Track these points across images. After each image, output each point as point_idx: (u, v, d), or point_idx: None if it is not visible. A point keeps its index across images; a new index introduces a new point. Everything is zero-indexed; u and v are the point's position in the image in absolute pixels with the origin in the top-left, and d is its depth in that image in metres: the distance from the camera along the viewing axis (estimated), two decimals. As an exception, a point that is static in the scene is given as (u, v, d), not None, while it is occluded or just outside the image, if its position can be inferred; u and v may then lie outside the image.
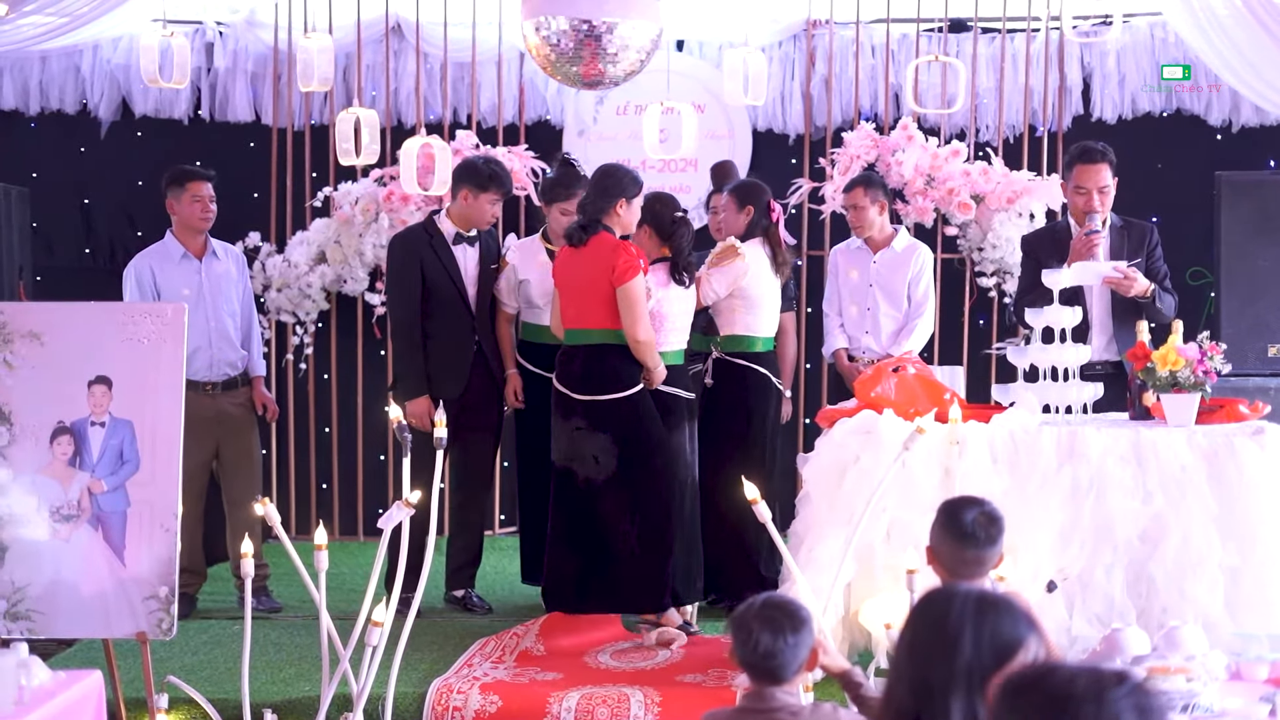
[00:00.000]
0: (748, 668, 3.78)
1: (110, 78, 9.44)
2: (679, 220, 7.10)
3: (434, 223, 7.53)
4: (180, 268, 7.66)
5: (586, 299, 6.82)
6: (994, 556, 4.48)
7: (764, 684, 3.77)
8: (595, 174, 6.97)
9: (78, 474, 5.92)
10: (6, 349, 5.97)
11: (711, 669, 6.38)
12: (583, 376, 6.86)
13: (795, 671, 3.78)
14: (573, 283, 6.87)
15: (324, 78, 6.83)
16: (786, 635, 3.71)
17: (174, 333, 5.97)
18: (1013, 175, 8.82)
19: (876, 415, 6.16)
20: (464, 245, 7.50)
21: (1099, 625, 5.82)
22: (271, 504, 5.57)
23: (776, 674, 3.73)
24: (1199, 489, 5.93)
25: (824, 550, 6.00)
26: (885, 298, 7.71)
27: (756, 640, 3.70)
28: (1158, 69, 9.16)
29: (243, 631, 5.58)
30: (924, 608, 3.11)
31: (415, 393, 7.41)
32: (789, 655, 3.72)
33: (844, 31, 9.27)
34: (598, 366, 6.84)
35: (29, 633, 5.80)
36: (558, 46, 6.45)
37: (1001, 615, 2.99)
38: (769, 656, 3.71)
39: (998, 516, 4.47)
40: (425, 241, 7.47)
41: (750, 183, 7.64)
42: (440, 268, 7.44)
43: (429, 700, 6.03)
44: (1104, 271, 6.75)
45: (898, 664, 3.13)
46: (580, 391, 6.85)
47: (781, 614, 3.76)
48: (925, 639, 3.03)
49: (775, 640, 3.70)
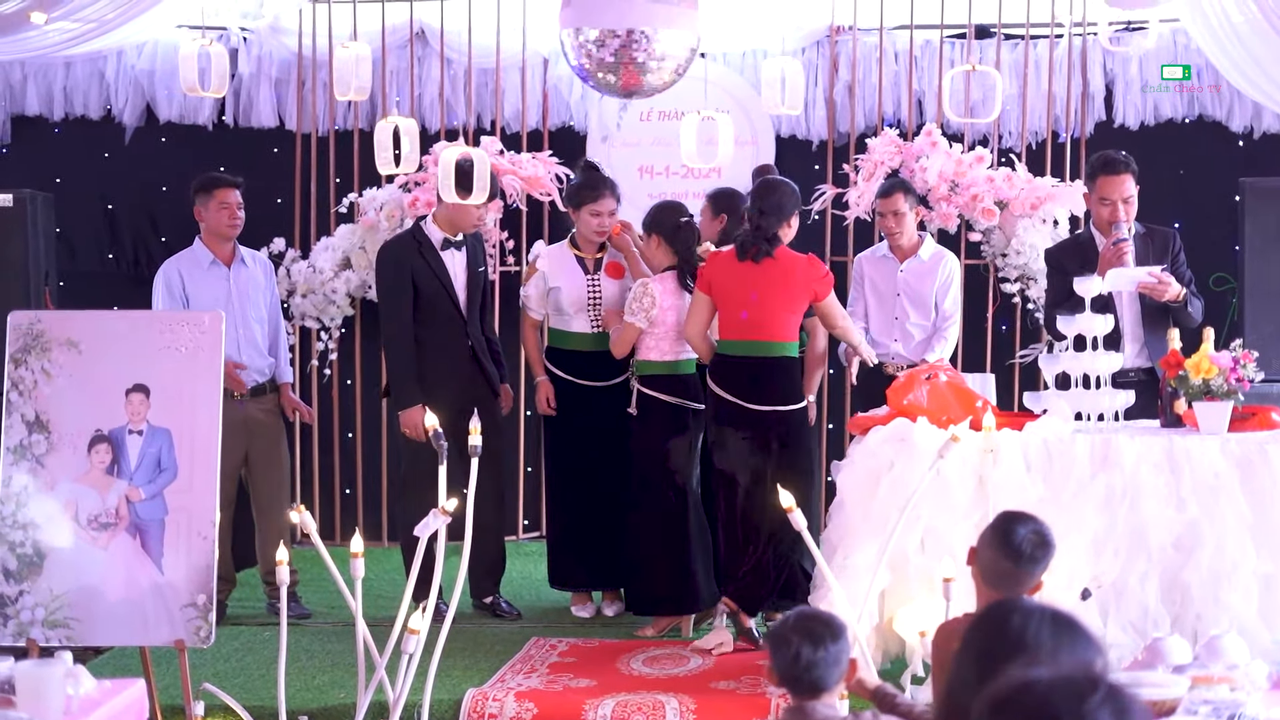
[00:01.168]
0: (788, 681, 3.78)
1: (135, 83, 9.46)
2: (684, 225, 7.19)
3: (421, 229, 7.54)
4: (209, 274, 7.69)
5: (771, 311, 6.86)
6: (1035, 578, 4.39)
7: (804, 697, 3.78)
8: (763, 188, 7.04)
9: (116, 482, 5.96)
10: (44, 357, 6.00)
11: (744, 676, 6.41)
12: (762, 387, 6.87)
13: (835, 683, 3.79)
14: (748, 294, 6.87)
15: (361, 87, 6.84)
16: (827, 645, 3.73)
17: (212, 341, 6.01)
18: (1036, 181, 8.83)
19: (910, 423, 6.17)
20: (451, 250, 7.48)
21: (1134, 633, 5.84)
22: (306, 511, 5.58)
23: (817, 685, 3.74)
24: (1233, 496, 5.95)
25: (859, 558, 6.02)
26: (913, 306, 7.70)
27: (797, 652, 3.71)
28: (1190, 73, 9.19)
29: (278, 638, 5.59)
30: (997, 617, 3.11)
31: (409, 402, 7.41)
32: (829, 666, 3.74)
33: (867, 38, 9.28)
34: (783, 378, 6.92)
35: (67, 640, 5.83)
36: (596, 55, 6.47)
37: (1077, 634, 3.00)
38: (810, 668, 3.72)
39: (1049, 540, 4.39)
40: (414, 249, 7.47)
41: (729, 191, 7.71)
42: (430, 274, 7.43)
43: (464, 707, 6.05)
44: (1139, 277, 6.76)
45: (962, 671, 3.12)
46: (757, 402, 6.85)
47: (820, 625, 3.78)
48: (997, 648, 3.03)
49: (815, 651, 3.71)
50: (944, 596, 5.31)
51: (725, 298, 6.91)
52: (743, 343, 6.88)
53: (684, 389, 7.19)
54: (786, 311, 6.89)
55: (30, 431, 5.98)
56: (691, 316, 7.02)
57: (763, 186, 7.05)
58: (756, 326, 6.86)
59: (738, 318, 6.88)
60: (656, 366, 7.21)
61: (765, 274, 6.84)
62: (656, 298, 7.09)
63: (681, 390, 7.19)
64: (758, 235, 6.86)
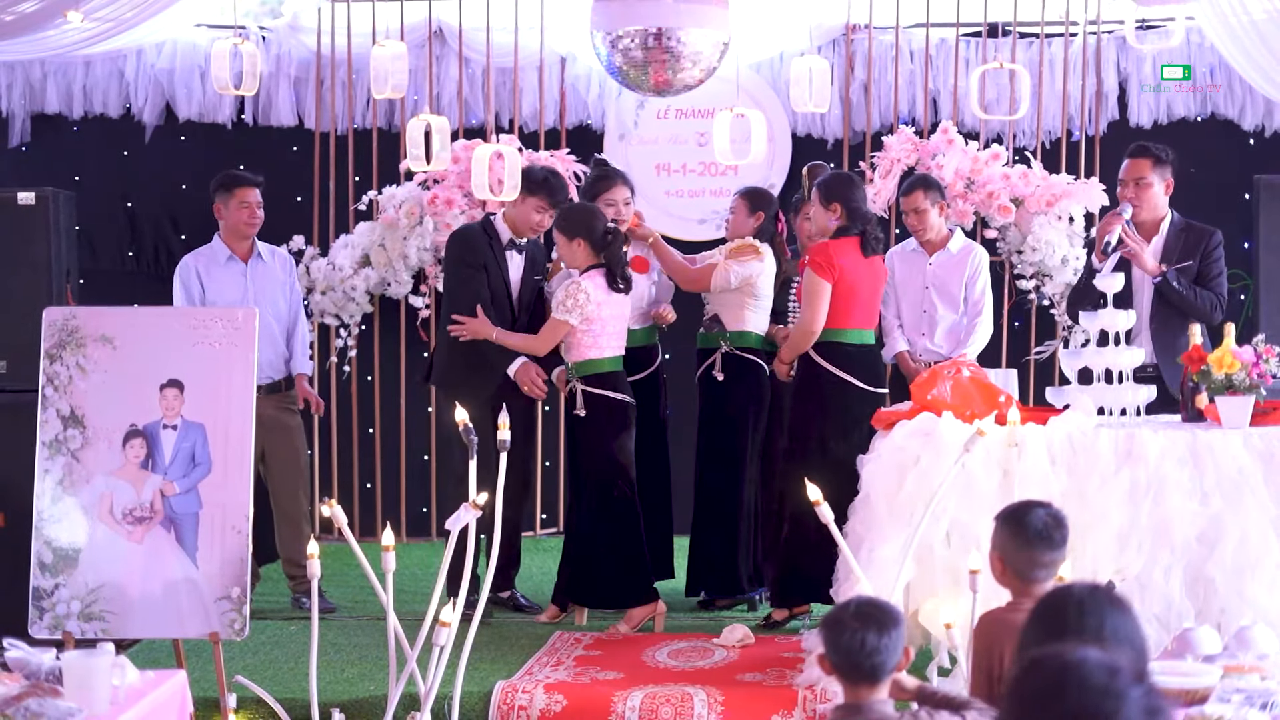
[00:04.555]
0: (847, 669, 3.79)
1: (154, 82, 9.52)
2: (612, 231, 7.23)
3: (491, 223, 7.57)
4: (227, 270, 7.74)
5: (874, 303, 7.34)
6: (1063, 558, 4.51)
7: (861, 686, 3.81)
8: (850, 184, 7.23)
9: (150, 476, 6.01)
10: (79, 353, 6.05)
11: (770, 668, 6.46)
12: (874, 373, 7.29)
13: (892, 669, 3.82)
14: (869, 289, 7.25)
15: (398, 85, 6.89)
16: (890, 632, 3.77)
17: (245, 337, 6.06)
18: (1052, 179, 8.89)
19: (936, 418, 6.22)
20: (514, 251, 7.54)
21: (1158, 626, 5.87)
22: (337, 505, 5.62)
23: (877, 672, 3.78)
24: (1256, 490, 5.98)
25: (885, 551, 6.07)
26: (942, 299, 7.77)
27: (862, 639, 3.74)
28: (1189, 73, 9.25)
29: (309, 631, 5.61)
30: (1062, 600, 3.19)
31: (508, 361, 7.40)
32: (890, 653, 3.78)
33: (883, 36, 9.34)
34: (876, 362, 7.41)
35: (102, 633, 5.88)
36: (628, 54, 6.53)
37: (1130, 616, 3.09)
38: (874, 654, 3.75)
39: (1062, 517, 4.49)
40: (485, 240, 7.50)
41: (762, 190, 7.80)
42: (496, 268, 7.48)
43: (494, 700, 6.09)
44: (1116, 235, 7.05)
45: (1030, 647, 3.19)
46: (878, 386, 7.29)
47: (880, 612, 3.81)
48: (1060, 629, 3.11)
49: (880, 638, 3.75)
50: (970, 589, 5.35)
51: (853, 292, 7.15)
52: (865, 331, 7.24)
53: (625, 386, 7.30)
54: (877, 303, 7.42)
55: (65, 426, 6.04)
56: (820, 306, 7.09)
57: (849, 182, 7.25)
58: (868, 317, 7.28)
59: (860, 310, 7.18)
60: (602, 364, 7.24)
61: (873, 269, 7.24)
62: (591, 295, 7.12)
63: (625, 387, 7.29)
64: (875, 232, 7.21)
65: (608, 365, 7.25)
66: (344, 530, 5.59)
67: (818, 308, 7.08)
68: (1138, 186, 7.18)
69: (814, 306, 7.08)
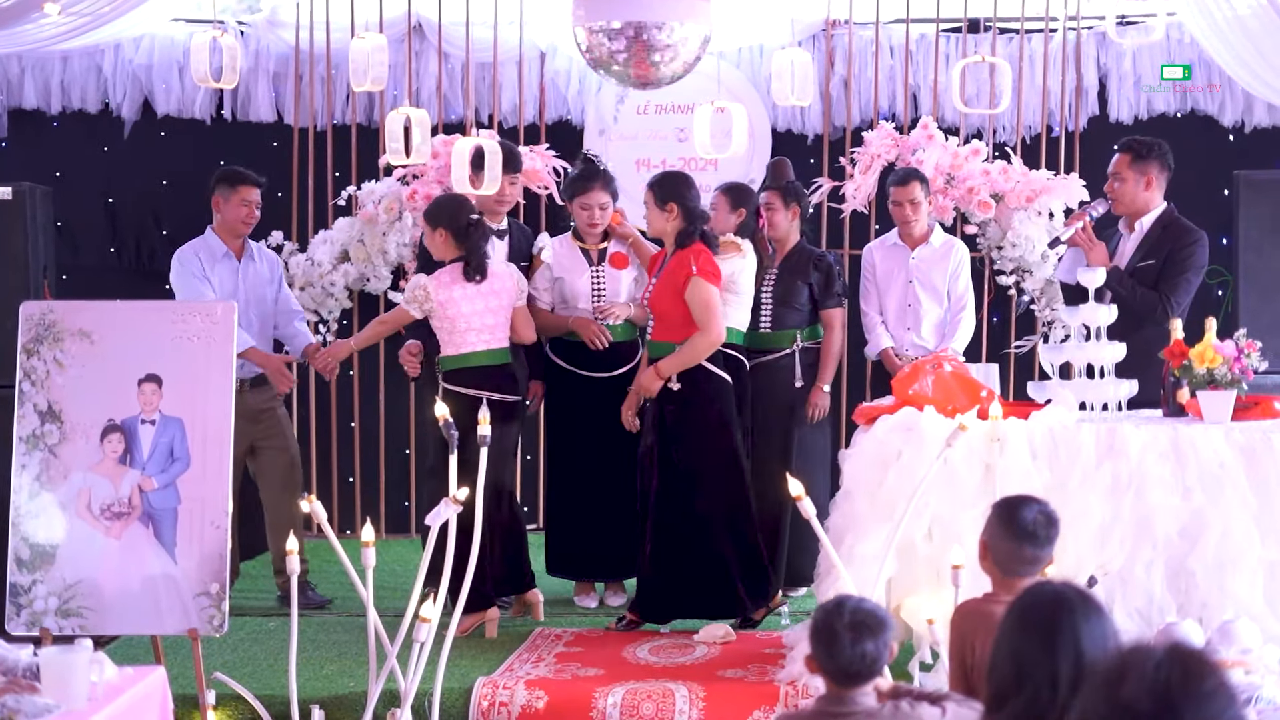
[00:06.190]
0: (837, 674, 3.77)
1: (132, 77, 9.46)
2: (475, 223, 7.16)
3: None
4: (221, 265, 7.71)
5: None
6: (1049, 557, 4.50)
7: (846, 688, 3.80)
8: (682, 181, 7.19)
9: (128, 471, 5.98)
10: (57, 347, 6.02)
11: (751, 664, 6.45)
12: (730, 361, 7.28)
13: (881, 670, 3.82)
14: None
15: (377, 78, 6.85)
16: (883, 638, 3.76)
17: (224, 331, 6.03)
18: (1032, 174, 8.89)
19: (918, 412, 6.22)
20: (493, 239, 7.47)
21: (1140, 620, 5.88)
22: (317, 501, 5.61)
23: (868, 676, 3.77)
24: (1237, 485, 5.99)
25: (866, 546, 6.06)
26: (926, 294, 7.78)
27: (861, 651, 3.72)
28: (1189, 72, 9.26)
29: (288, 628, 5.61)
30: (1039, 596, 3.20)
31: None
32: (883, 655, 3.77)
33: (863, 32, 9.33)
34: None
35: (80, 629, 5.85)
36: (609, 47, 6.52)
37: (1106, 619, 3.13)
38: (873, 663, 3.74)
39: (1055, 517, 4.48)
40: None
41: (744, 186, 7.76)
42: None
43: (475, 697, 6.07)
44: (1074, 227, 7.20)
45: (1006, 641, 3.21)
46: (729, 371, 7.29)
47: (874, 619, 3.77)
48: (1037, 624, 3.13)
49: (876, 646, 3.74)
50: (952, 584, 5.35)
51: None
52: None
53: (499, 380, 7.22)
54: None
55: (43, 421, 6.00)
56: (721, 314, 7.02)
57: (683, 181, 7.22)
58: None
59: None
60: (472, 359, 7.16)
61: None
62: (431, 292, 7.05)
63: (496, 383, 7.19)
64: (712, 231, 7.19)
65: (479, 360, 7.15)
66: (324, 526, 5.58)
67: (720, 315, 7.00)
68: (1114, 180, 7.25)
69: (716, 315, 6.98)
